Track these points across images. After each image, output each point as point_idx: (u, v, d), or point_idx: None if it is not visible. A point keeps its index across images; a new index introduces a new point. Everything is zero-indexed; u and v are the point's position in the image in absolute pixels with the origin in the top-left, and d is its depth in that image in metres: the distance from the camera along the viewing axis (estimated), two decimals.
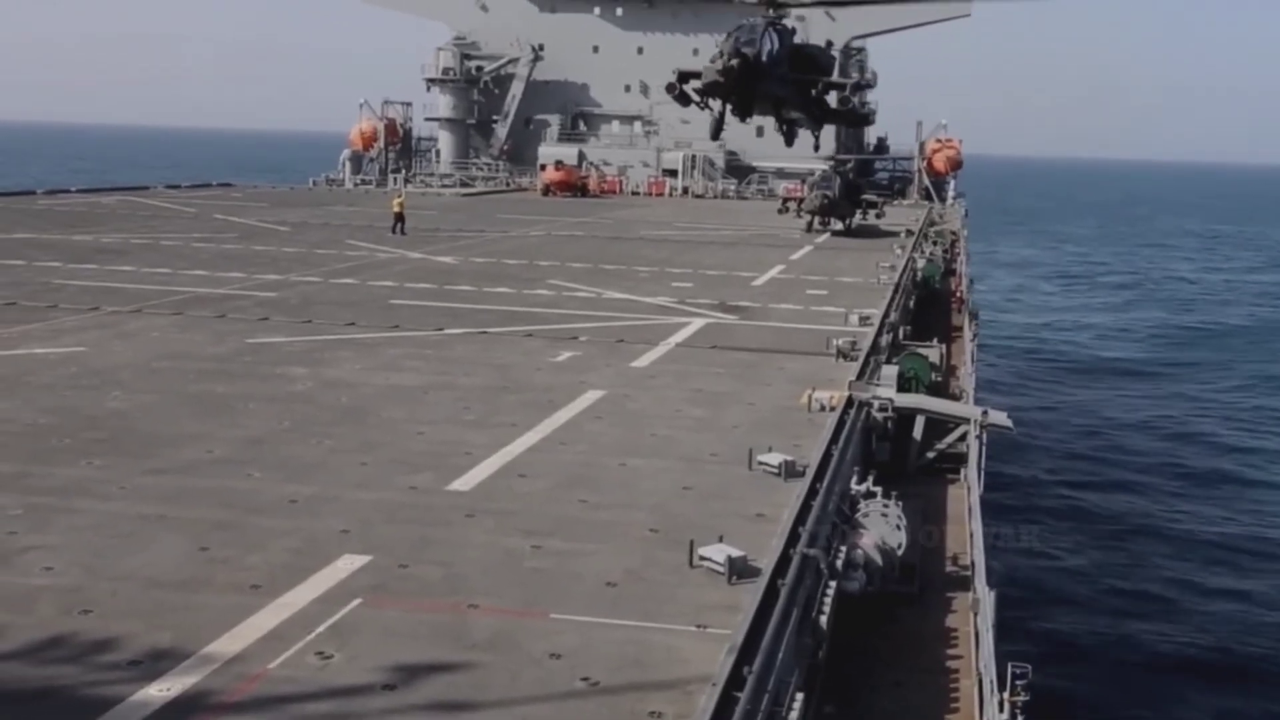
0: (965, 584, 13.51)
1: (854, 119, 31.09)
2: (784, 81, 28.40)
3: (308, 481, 13.39)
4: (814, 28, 76.05)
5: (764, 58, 27.09)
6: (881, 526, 13.10)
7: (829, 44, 31.26)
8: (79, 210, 50.74)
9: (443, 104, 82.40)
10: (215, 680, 8.57)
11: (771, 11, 28.02)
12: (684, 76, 29.91)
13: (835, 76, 30.74)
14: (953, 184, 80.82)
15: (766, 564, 10.52)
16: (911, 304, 31.07)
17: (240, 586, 10.28)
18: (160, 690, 8.36)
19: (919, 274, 35.50)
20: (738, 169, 78.13)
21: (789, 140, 31.66)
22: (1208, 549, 34.28)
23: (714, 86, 27.73)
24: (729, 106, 29.06)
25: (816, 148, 32.84)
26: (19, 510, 12.04)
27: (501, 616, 9.84)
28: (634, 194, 77.02)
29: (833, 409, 17.08)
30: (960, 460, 18.19)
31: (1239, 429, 50.29)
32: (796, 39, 32.27)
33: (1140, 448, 46.36)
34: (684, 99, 29.83)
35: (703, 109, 29.66)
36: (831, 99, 29.98)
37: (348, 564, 10.86)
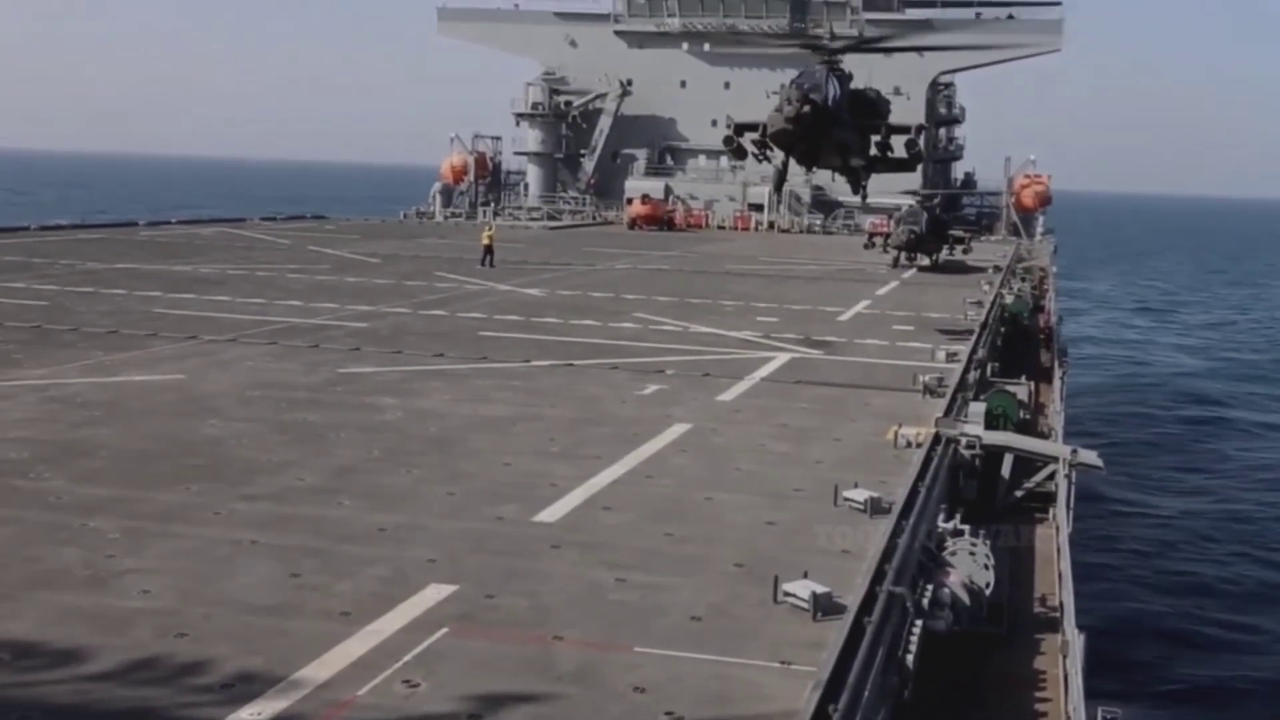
0: (1054, 625, 13.33)
1: (916, 164, 30.49)
2: (850, 127, 27.99)
3: (396, 510, 13.57)
4: (901, 63, 75.87)
5: (830, 103, 26.75)
6: (969, 565, 12.95)
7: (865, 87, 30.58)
8: (178, 241, 51.97)
9: (531, 138, 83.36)
10: (305, 706, 8.70)
11: (828, 56, 27.69)
12: (740, 129, 29.58)
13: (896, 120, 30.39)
14: (1041, 220, 79.90)
15: (852, 601, 10.46)
16: (999, 341, 30.74)
17: (330, 613, 10.44)
18: (251, 714, 8.52)
19: (1007, 310, 35.14)
20: (824, 203, 77.92)
21: (855, 188, 31.14)
22: None
23: (782, 135, 27.27)
24: (792, 157, 28.49)
25: (864, 198, 32.31)
26: (117, 534, 12.34)
27: (586, 649, 9.89)
28: (720, 228, 77.13)
29: (919, 446, 16.95)
30: (1049, 499, 17.96)
31: None
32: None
33: (1236, 487, 45.32)
34: (740, 153, 29.41)
35: (761, 160, 29.11)
36: (897, 145, 29.60)
37: (435, 593, 10.96)
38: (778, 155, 28.39)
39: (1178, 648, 28.91)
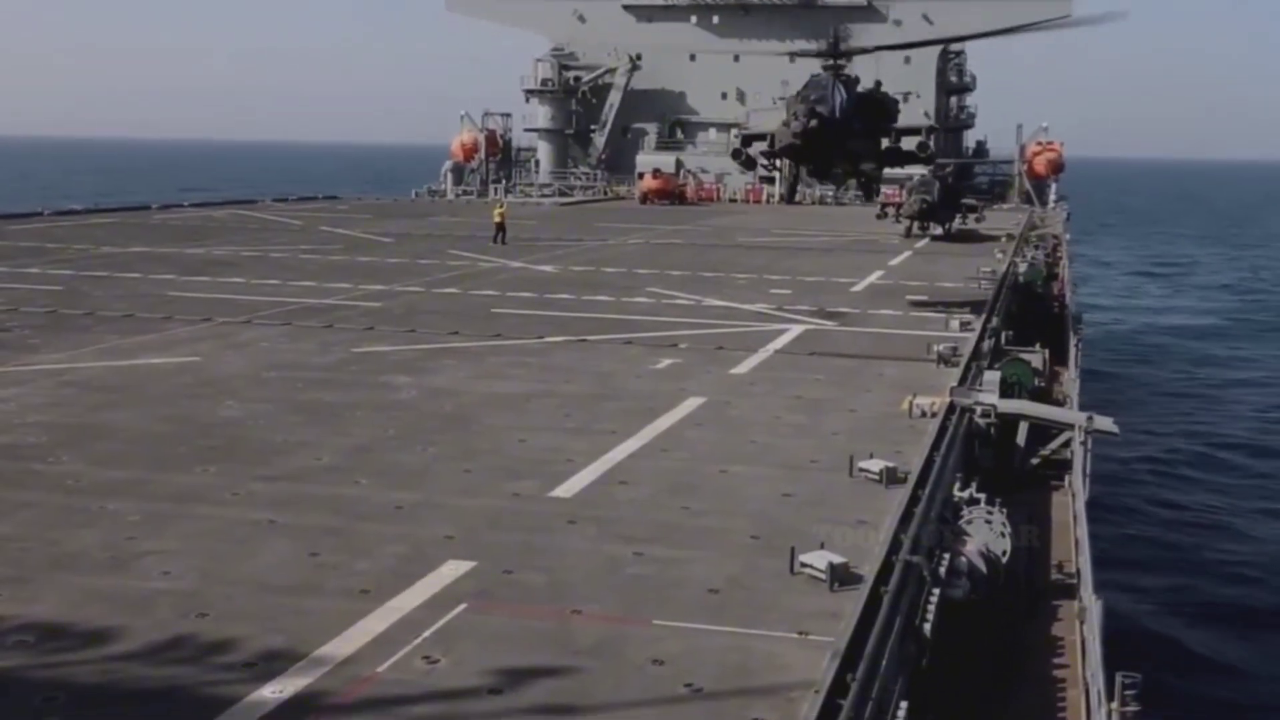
0: (1071, 592, 13.36)
1: (929, 164, 30.18)
2: (859, 135, 27.67)
3: (413, 488, 13.63)
4: (910, 30, 75.46)
5: (838, 113, 26.41)
6: (985, 533, 12.98)
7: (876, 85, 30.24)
8: (192, 224, 52.06)
9: (541, 114, 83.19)
10: (327, 682, 8.77)
11: (833, 61, 27.37)
12: (747, 140, 29.41)
13: (905, 122, 30.05)
14: (1054, 187, 79.52)
15: (869, 571, 10.50)
16: (1013, 309, 30.67)
17: (349, 591, 10.50)
18: (274, 692, 8.59)
19: (1020, 278, 35.06)
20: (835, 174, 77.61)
21: (868, 195, 30.67)
22: None
23: (790, 149, 27.06)
24: (802, 168, 28.18)
25: (876, 196, 31.80)
26: (138, 516, 12.42)
27: (604, 623, 9.93)
28: (731, 201, 76.96)
29: (934, 415, 16.96)
30: (1065, 466, 17.97)
31: None
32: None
33: (1252, 451, 45.16)
34: (750, 164, 29.20)
35: (770, 170, 28.88)
36: (908, 145, 29.43)
37: (452, 570, 11.03)
38: (787, 166, 28.10)
39: (1197, 612, 28.88)
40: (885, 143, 29.37)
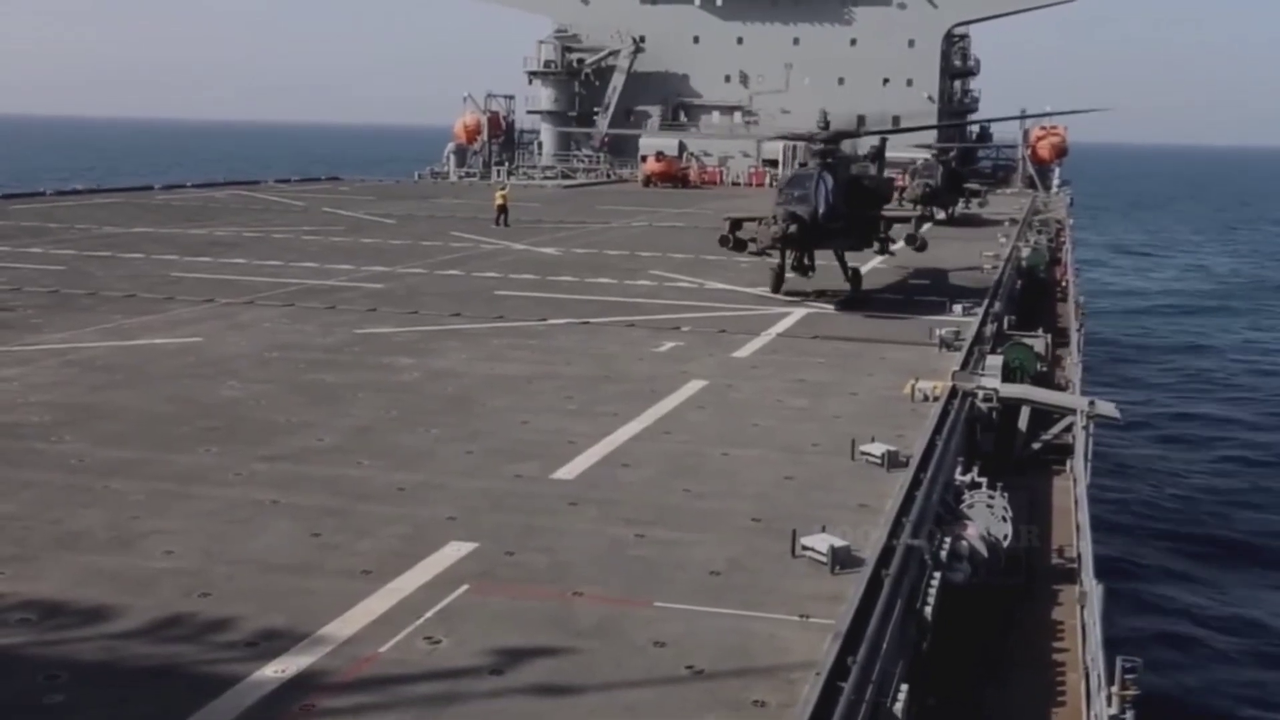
0: (1072, 576, 13.37)
1: (921, 251, 30.20)
2: (842, 234, 27.49)
3: (415, 470, 13.64)
4: (915, 15, 75.24)
5: (820, 212, 26.10)
6: (986, 518, 12.99)
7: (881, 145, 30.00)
8: (194, 204, 52.01)
9: (544, 96, 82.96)
10: (328, 662, 8.80)
11: (822, 145, 27.20)
12: (735, 224, 29.57)
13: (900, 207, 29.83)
14: (1057, 172, 79.33)
15: (870, 554, 10.51)
16: (1016, 293, 30.65)
17: (351, 572, 10.53)
18: (275, 671, 8.62)
19: (1023, 263, 35.02)
20: None
21: (856, 287, 30.15)
22: None
23: (773, 247, 27.23)
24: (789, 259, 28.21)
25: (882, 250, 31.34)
26: (141, 496, 12.45)
27: (606, 604, 9.96)
28: (734, 184, 76.76)
29: (936, 399, 16.97)
30: (1066, 451, 17.97)
31: None
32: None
33: (1255, 433, 45.18)
34: (740, 246, 29.25)
35: (759, 255, 28.89)
36: (898, 235, 29.64)
37: (455, 551, 11.06)
38: (774, 254, 28.06)
39: (1197, 597, 28.94)
40: (879, 228, 29.42)
